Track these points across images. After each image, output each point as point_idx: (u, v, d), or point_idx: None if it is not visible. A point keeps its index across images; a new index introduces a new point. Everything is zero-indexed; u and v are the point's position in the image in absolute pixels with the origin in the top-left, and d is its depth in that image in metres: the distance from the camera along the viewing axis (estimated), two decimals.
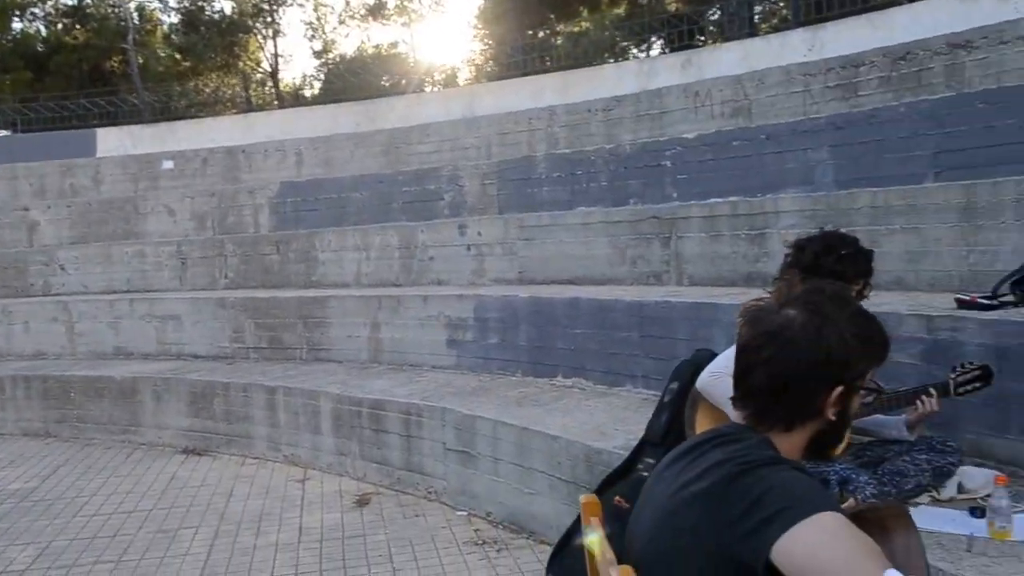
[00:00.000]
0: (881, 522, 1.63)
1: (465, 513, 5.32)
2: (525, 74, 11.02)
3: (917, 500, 3.34)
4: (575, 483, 4.52)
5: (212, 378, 7.29)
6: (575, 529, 2.99)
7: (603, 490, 3.58)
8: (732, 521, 1.48)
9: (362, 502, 5.65)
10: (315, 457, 6.46)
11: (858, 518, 1.57)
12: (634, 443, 3.79)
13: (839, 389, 1.64)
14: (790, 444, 1.67)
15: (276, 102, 23.04)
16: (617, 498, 3.37)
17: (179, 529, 5.31)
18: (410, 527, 5.16)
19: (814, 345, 1.62)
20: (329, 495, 5.85)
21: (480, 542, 4.85)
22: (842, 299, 1.72)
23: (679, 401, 3.63)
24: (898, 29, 6.93)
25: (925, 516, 3.21)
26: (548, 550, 3.87)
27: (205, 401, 7.16)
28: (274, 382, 6.87)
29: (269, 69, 26.78)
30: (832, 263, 3.24)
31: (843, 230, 3.64)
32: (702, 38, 12.27)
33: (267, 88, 25.56)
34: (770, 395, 1.65)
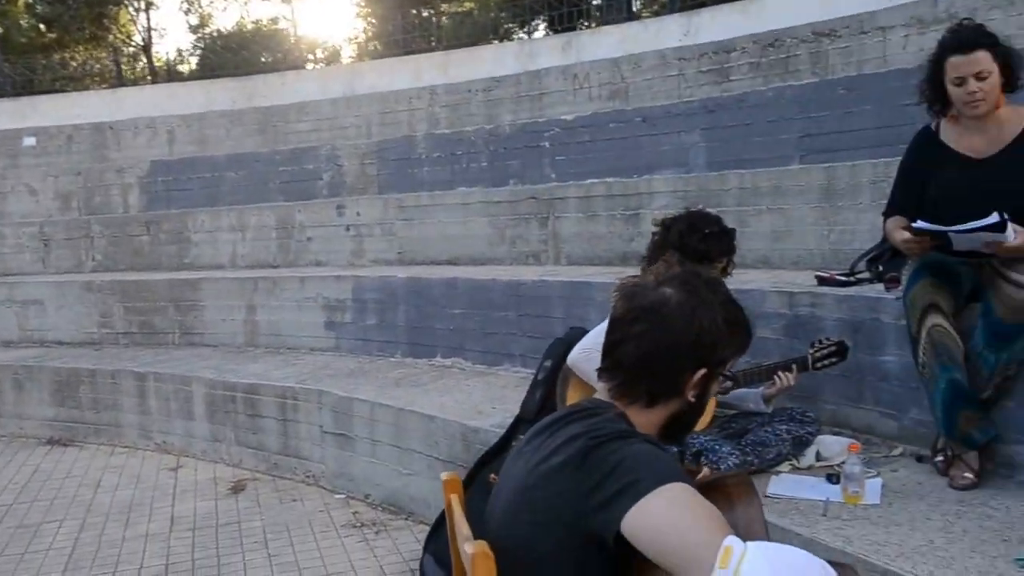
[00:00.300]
0: (727, 492, 1.69)
1: (343, 496, 5.28)
2: (408, 53, 10.90)
3: (778, 469, 3.47)
4: (453, 462, 4.53)
5: (78, 365, 7.00)
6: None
7: (478, 468, 3.61)
8: (586, 494, 1.51)
9: (237, 488, 5.54)
10: (188, 444, 6.30)
11: (706, 488, 1.63)
12: (511, 421, 3.83)
13: (702, 371, 1.69)
14: (648, 421, 1.71)
15: (149, 77, 22.22)
16: (492, 476, 3.40)
17: (42, 523, 5.10)
18: (287, 512, 5.09)
19: (687, 325, 1.67)
20: (203, 482, 5.71)
21: (358, 525, 4.82)
22: (716, 285, 1.78)
23: (552, 378, 3.69)
24: (768, 17, 7.13)
25: (785, 484, 3.35)
26: (427, 530, 3.88)
27: (70, 389, 6.88)
28: (144, 368, 6.66)
29: (142, 43, 25.81)
30: (696, 242, 3.33)
31: (713, 210, 3.74)
32: (585, 21, 12.36)
33: (139, 63, 24.63)
34: (637, 369, 1.69)
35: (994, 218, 2.98)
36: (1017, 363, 3.14)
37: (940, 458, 3.35)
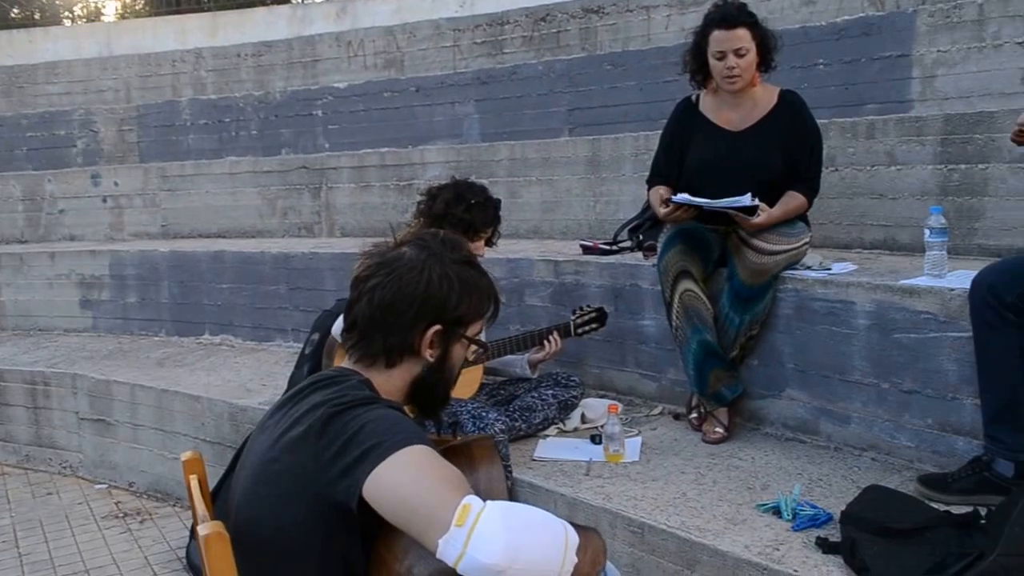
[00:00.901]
0: (469, 454, 1.70)
1: (105, 486, 4.97)
2: (176, 12, 10.28)
3: (546, 433, 3.56)
4: (221, 443, 4.39)
5: None
6: (218, 490, 2.88)
7: (244, 447, 3.48)
8: (327, 462, 1.48)
9: None
10: None
11: (449, 452, 1.63)
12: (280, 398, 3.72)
13: (436, 327, 1.68)
14: (391, 384, 1.69)
15: None
16: None
17: None
18: (41, 507, 4.73)
19: (416, 277, 1.66)
20: None
21: (121, 515, 4.55)
22: (456, 245, 1.77)
23: (320, 352, 3.61)
24: None
25: (551, 447, 3.44)
26: None
27: None
28: None
29: None
30: (462, 212, 3.33)
31: (485, 181, 3.77)
32: None
33: None
34: (371, 323, 1.67)
35: (747, 200, 3.19)
36: (759, 323, 3.36)
37: (694, 415, 3.54)
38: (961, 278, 2.91)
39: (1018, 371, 2.56)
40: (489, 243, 3.52)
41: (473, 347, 1.79)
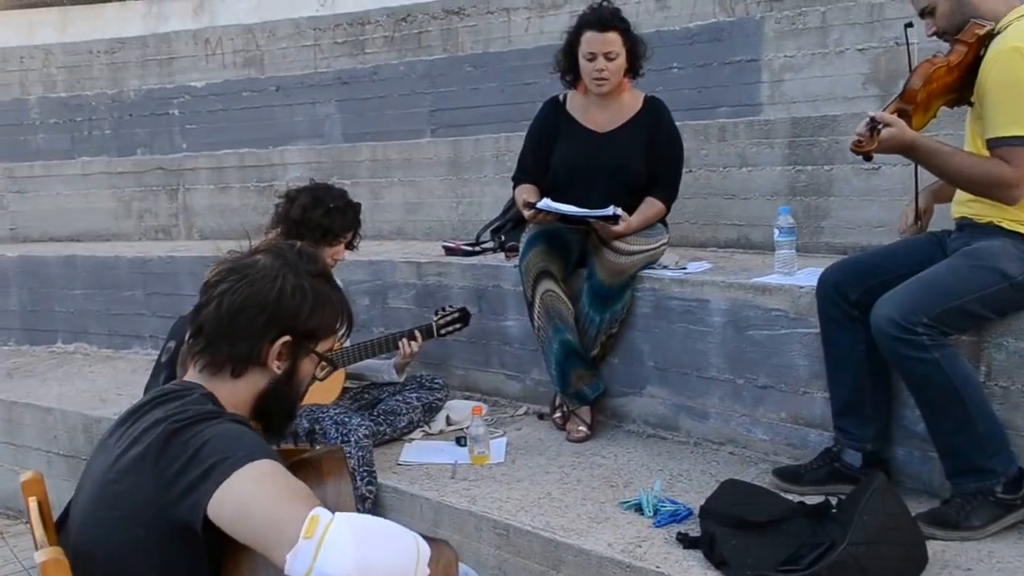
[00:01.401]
0: (318, 467, 1.66)
1: None
2: (23, 7, 9.77)
3: (411, 436, 3.54)
4: (76, 457, 4.23)
5: None
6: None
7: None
8: (169, 482, 1.42)
9: None
10: None
11: (296, 465, 1.60)
12: None
13: (285, 338, 1.64)
14: (237, 397, 1.64)
15: None
16: None
17: None
18: None
19: (268, 284, 1.62)
20: None
21: None
22: (312, 257, 1.73)
23: (176, 360, 3.49)
24: None
25: (417, 450, 3.42)
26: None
27: None
28: None
29: None
30: (320, 216, 3.27)
31: (347, 182, 3.72)
32: None
33: None
34: (218, 329, 1.61)
35: (609, 211, 3.25)
36: (619, 323, 3.42)
37: (558, 414, 3.58)
38: (809, 276, 3.02)
39: (863, 365, 2.67)
40: (350, 246, 3.47)
41: (323, 364, 1.75)
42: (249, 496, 1.37)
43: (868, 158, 2.50)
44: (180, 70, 7.36)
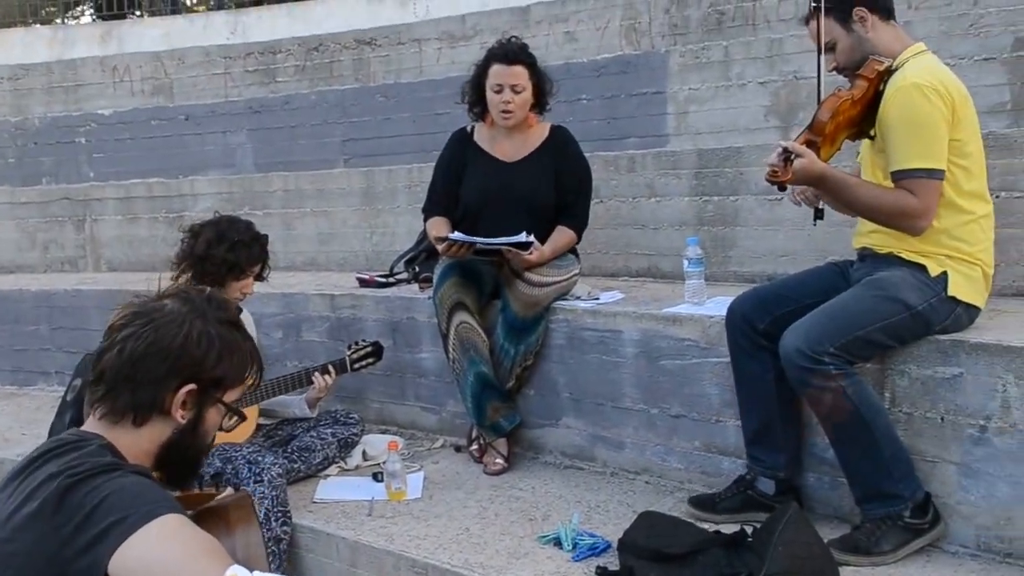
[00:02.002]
0: (225, 518, 1.63)
1: None
2: None
3: (327, 472, 3.50)
4: None
5: None
6: None
7: None
8: (65, 540, 1.36)
9: None
10: None
11: (203, 515, 1.56)
12: None
13: (190, 387, 1.58)
14: (139, 447, 1.58)
15: None
16: None
17: None
18: None
19: (175, 330, 1.57)
20: None
21: None
22: (221, 304, 1.68)
23: (83, 399, 3.39)
24: (313, 21, 7.17)
25: (332, 487, 3.38)
26: None
27: None
28: None
29: None
30: (224, 252, 3.22)
31: (259, 212, 3.67)
32: (136, 11, 11.53)
33: None
34: (119, 375, 1.55)
35: (522, 237, 3.28)
36: (533, 354, 3.45)
37: (475, 447, 3.58)
38: (719, 305, 3.08)
39: (773, 394, 2.73)
40: (260, 278, 3.41)
41: (230, 415, 1.70)
42: (155, 557, 1.32)
43: (782, 188, 2.58)
44: (87, 97, 7.22)
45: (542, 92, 3.54)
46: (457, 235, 3.36)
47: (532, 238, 3.31)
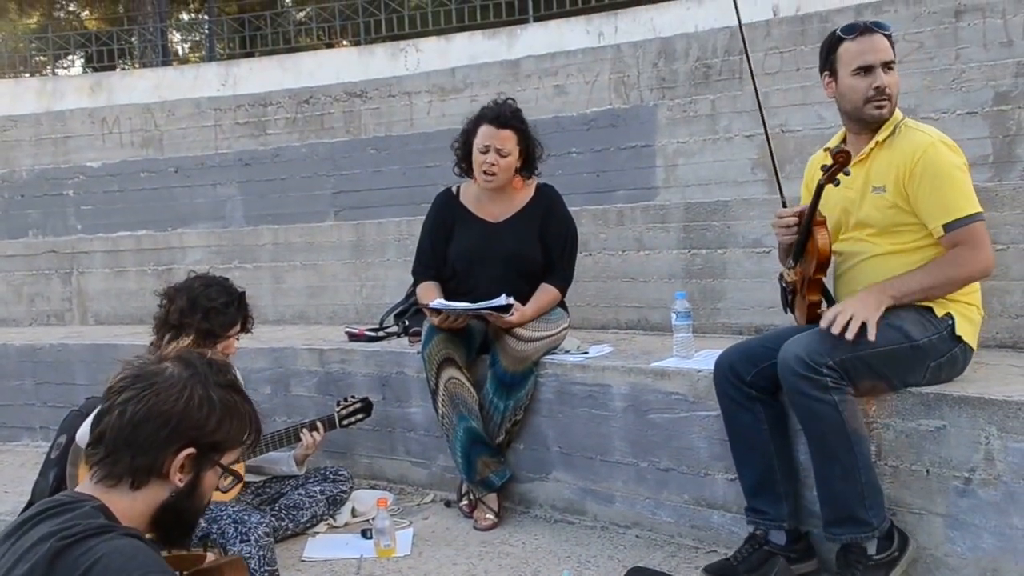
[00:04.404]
0: None
1: None
2: None
3: (315, 530, 3.46)
4: None
5: None
6: None
7: None
8: None
9: None
10: None
11: (198, 574, 1.55)
12: (24, 507, 3.42)
13: (190, 451, 1.59)
14: (134, 510, 1.58)
15: None
16: None
17: None
18: None
19: (176, 394, 1.58)
20: None
21: None
22: (221, 368, 1.70)
23: (67, 457, 3.36)
24: (304, 74, 7.25)
25: (321, 545, 3.35)
26: None
27: None
28: None
29: None
30: (199, 321, 3.16)
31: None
32: (127, 62, 11.67)
33: None
34: (120, 439, 1.56)
35: (502, 300, 3.30)
36: (523, 409, 3.44)
37: (465, 502, 3.55)
38: (707, 359, 3.09)
39: (768, 444, 2.73)
40: (244, 330, 3.38)
41: (227, 476, 1.70)
42: None
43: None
44: (75, 149, 7.24)
45: (530, 157, 3.57)
46: (438, 303, 3.39)
47: (512, 300, 3.32)
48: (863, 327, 2.48)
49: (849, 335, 2.47)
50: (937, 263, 2.60)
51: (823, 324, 2.55)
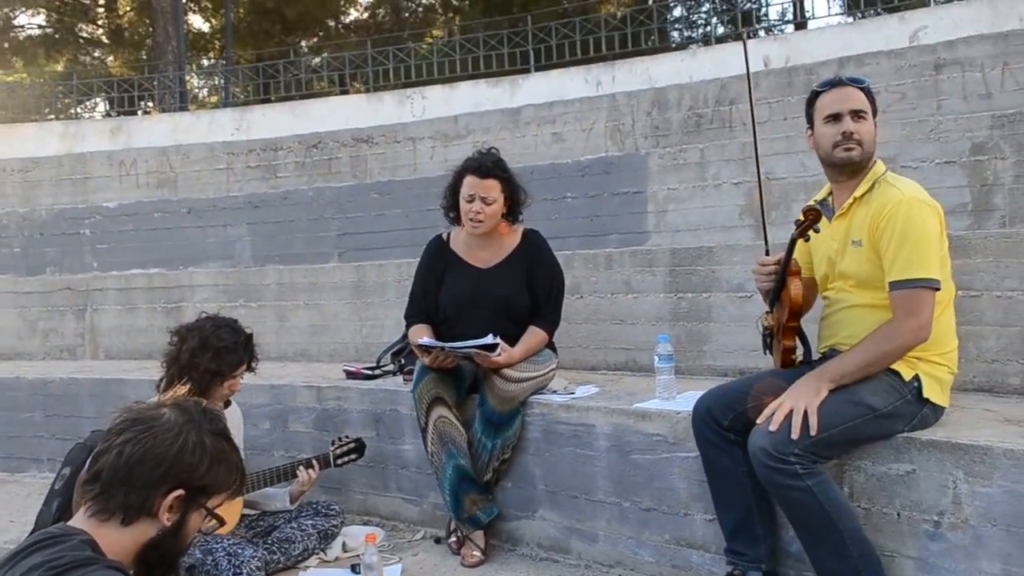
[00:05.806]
0: None
1: None
2: None
3: (306, 564, 3.53)
4: None
5: None
6: None
7: None
8: None
9: None
10: None
11: None
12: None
13: (179, 492, 1.70)
14: (121, 545, 1.67)
15: None
16: None
17: None
18: None
19: (172, 439, 1.70)
20: None
21: None
22: (215, 418, 1.82)
23: (71, 489, 3.46)
24: (315, 119, 7.46)
25: None
26: None
27: None
28: None
29: None
30: (208, 361, 3.32)
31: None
32: (149, 104, 11.96)
33: None
34: (115, 477, 1.66)
35: (488, 339, 3.40)
36: (511, 448, 3.53)
37: (453, 539, 3.62)
38: (688, 400, 3.14)
39: (747, 486, 2.76)
40: (249, 369, 3.52)
41: (211, 519, 1.80)
42: None
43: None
44: (94, 189, 7.43)
45: (515, 203, 3.69)
46: (425, 340, 3.50)
47: (498, 339, 3.42)
48: (805, 417, 2.49)
49: (794, 434, 2.48)
50: (871, 338, 2.62)
51: (760, 420, 2.58)
